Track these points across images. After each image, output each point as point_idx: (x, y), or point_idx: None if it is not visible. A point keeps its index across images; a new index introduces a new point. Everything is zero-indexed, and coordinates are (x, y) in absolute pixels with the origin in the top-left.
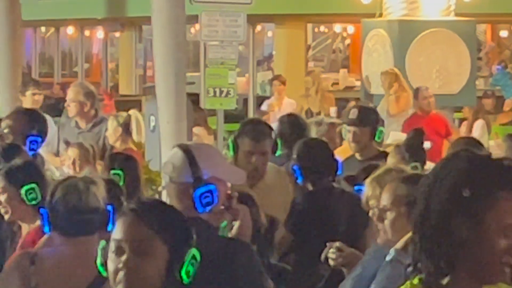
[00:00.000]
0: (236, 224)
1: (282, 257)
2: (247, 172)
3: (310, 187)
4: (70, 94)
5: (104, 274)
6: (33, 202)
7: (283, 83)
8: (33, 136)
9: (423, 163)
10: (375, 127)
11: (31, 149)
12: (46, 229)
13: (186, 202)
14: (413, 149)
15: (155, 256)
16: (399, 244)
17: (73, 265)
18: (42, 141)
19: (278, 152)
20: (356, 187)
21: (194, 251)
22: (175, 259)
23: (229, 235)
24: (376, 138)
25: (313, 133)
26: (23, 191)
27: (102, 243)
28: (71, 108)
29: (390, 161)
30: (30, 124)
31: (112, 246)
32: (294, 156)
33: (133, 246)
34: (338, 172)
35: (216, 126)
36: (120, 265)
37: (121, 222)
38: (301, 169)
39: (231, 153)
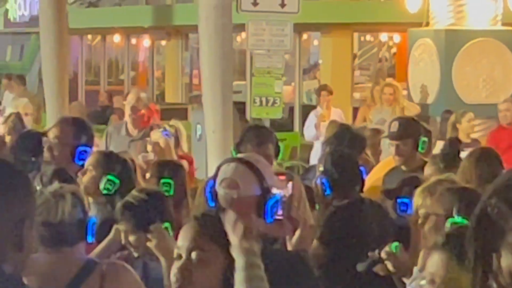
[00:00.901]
0: (297, 233)
1: (317, 270)
2: None
3: (339, 200)
4: (130, 99)
5: None
6: None
7: (331, 93)
8: (82, 146)
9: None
10: (418, 138)
11: (80, 159)
12: None
13: (253, 214)
14: (448, 158)
15: (211, 265)
16: (419, 264)
17: (51, 269)
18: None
19: (280, 157)
20: (398, 200)
21: None
22: (232, 269)
23: (289, 245)
24: (419, 149)
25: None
26: None
27: None
28: (126, 113)
29: (427, 171)
30: (78, 134)
31: (175, 251)
32: (321, 169)
33: (190, 253)
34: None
35: None
36: (176, 270)
37: (183, 230)
38: (329, 182)
39: None
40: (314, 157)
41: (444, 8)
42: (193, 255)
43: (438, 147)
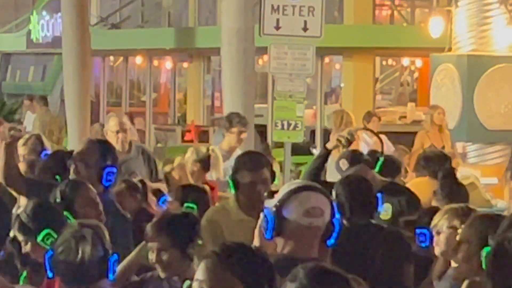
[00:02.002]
0: None
1: None
2: (252, 203)
3: (346, 224)
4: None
5: None
6: None
7: (378, 119)
8: (108, 167)
9: (463, 199)
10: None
11: (108, 180)
12: (49, 273)
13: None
14: (446, 189)
15: None
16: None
17: None
18: (117, 171)
19: (276, 181)
20: (418, 230)
21: None
22: None
23: None
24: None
25: None
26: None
27: (187, 283)
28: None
29: (432, 202)
30: (104, 155)
31: (195, 285)
32: (333, 192)
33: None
34: (379, 209)
35: (283, 158)
36: None
37: (203, 264)
38: (338, 205)
39: (232, 191)
40: None
41: (466, 34)
42: None
43: None
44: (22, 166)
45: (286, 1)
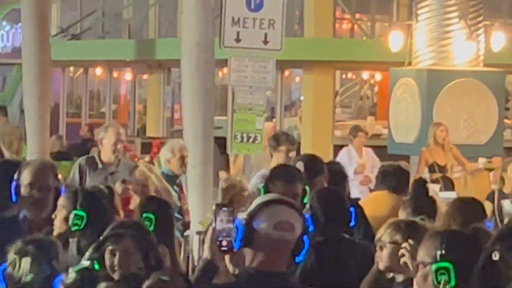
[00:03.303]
0: None
1: None
2: None
3: (319, 237)
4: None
5: None
6: None
7: (366, 133)
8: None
9: (432, 212)
10: None
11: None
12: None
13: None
14: (416, 202)
15: None
16: None
17: None
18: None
19: (306, 199)
20: None
21: None
22: None
23: None
24: None
25: None
26: None
27: None
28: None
29: (401, 216)
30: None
31: None
32: (308, 205)
33: None
34: (352, 223)
35: (243, 171)
36: None
37: None
38: (312, 218)
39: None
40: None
41: (426, 48)
42: None
43: None
44: None
45: (247, 13)
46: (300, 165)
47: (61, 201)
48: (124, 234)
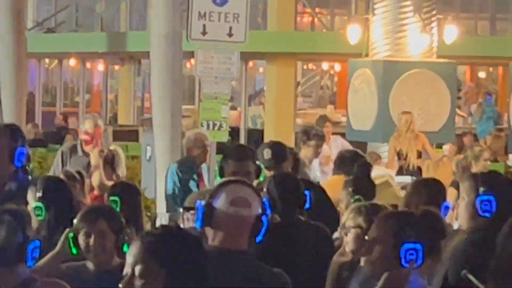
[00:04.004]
0: None
1: None
2: None
3: (276, 220)
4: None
5: None
6: None
7: (331, 125)
8: (19, 148)
9: (370, 194)
10: None
11: (19, 161)
12: None
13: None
14: (358, 182)
15: (152, 281)
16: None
17: None
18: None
19: (261, 177)
20: None
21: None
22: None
23: None
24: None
25: None
26: None
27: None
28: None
29: (341, 194)
30: (13, 137)
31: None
32: (264, 189)
33: (133, 268)
34: (306, 206)
35: (209, 157)
36: (121, 284)
37: (130, 246)
38: (269, 201)
39: (218, 178)
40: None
41: (382, 40)
42: (136, 270)
43: None
44: None
45: (213, 8)
46: (267, 152)
47: (28, 195)
48: (98, 216)
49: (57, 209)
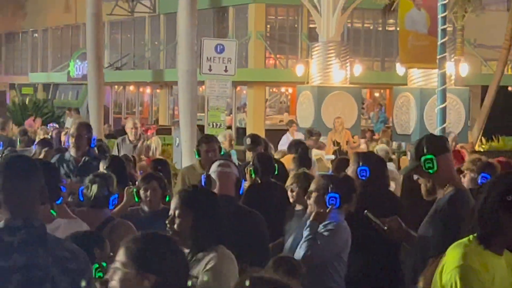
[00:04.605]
0: None
1: None
2: (206, 163)
3: (257, 181)
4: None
5: None
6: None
7: (297, 124)
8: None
9: (309, 167)
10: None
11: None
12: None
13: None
14: (300, 161)
15: (184, 220)
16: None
17: (87, 219)
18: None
19: (222, 152)
20: (329, 195)
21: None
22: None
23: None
24: None
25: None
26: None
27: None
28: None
29: (290, 167)
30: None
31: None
32: (251, 162)
33: (174, 212)
34: (275, 173)
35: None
36: (167, 221)
37: (173, 198)
38: (252, 169)
39: (197, 156)
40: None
41: (317, 73)
42: (176, 213)
43: None
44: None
45: (215, 54)
46: (248, 140)
47: (100, 165)
48: (151, 178)
49: (117, 176)
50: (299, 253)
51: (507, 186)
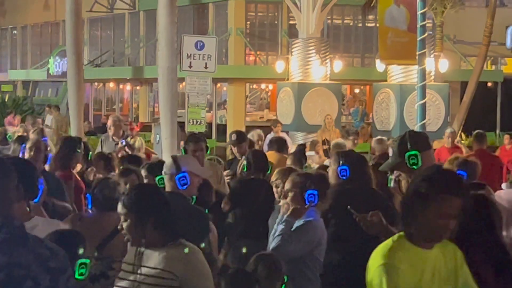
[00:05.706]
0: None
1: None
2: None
3: (250, 176)
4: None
5: None
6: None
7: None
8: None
9: (301, 165)
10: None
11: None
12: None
13: (173, 184)
14: (296, 157)
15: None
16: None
17: (100, 222)
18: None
19: (208, 152)
20: (308, 191)
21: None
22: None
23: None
24: None
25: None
26: None
27: None
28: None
29: (288, 163)
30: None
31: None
32: (245, 159)
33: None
34: (268, 172)
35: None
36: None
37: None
38: (246, 166)
39: (183, 153)
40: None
41: (297, 70)
42: (122, 217)
43: None
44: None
45: (195, 51)
46: (233, 136)
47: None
48: (130, 172)
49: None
50: (268, 247)
51: (422, 177)
